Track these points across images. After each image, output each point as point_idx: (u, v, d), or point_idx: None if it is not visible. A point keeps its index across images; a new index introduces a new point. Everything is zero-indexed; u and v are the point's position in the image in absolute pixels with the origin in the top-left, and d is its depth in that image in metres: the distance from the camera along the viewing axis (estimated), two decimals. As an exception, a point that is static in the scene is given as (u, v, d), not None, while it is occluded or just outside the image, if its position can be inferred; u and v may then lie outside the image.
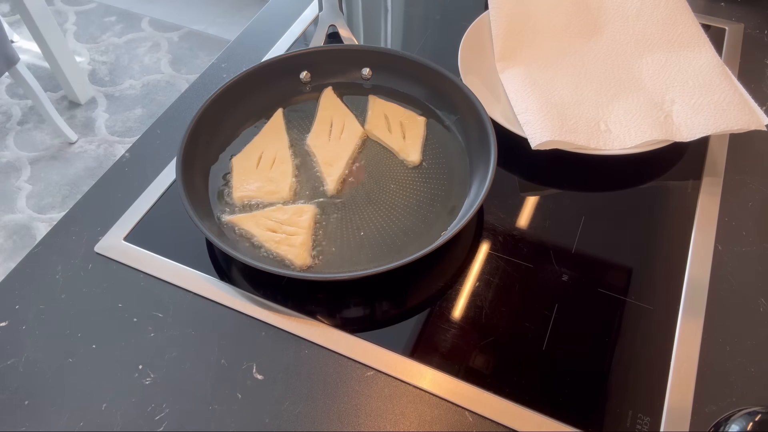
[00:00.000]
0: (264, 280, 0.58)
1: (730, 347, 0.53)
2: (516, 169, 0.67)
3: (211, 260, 0.59)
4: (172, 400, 0.51)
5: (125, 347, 0.54)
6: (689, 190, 0.65)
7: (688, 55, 0.72)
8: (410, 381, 0.51)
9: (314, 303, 0.56)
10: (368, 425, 0.49)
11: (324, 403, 0.50)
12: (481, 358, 0.53)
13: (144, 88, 2.12)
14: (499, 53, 0.75)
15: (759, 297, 0.56)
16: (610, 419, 0.49)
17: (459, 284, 0.58)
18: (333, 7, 0.83)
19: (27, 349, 0.54)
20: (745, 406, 0.42)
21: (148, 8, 2.45)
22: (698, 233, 0.61)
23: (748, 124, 0.63)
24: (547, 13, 0.76)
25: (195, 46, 2.28)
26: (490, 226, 0.62)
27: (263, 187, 0.63)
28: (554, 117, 0.65)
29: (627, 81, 0.72)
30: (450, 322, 0.55)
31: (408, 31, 0.87)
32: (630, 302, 0.56)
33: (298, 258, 0.57)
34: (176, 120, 0.73)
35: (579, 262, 0.59)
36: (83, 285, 0.58)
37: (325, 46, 0.76)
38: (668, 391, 0.50)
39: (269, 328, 0.55)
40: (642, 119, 0.66)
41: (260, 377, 0.52)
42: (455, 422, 0.49)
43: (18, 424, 0.50)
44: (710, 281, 0.57)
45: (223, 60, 0.80)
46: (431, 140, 0.68)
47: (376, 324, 0.56)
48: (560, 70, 0.73)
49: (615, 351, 0.53)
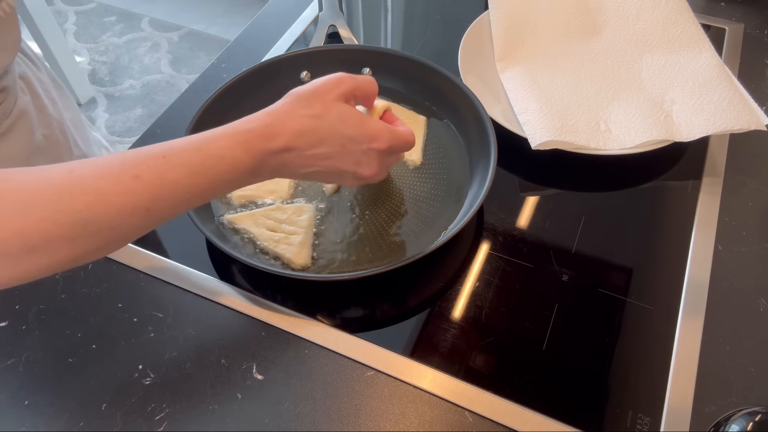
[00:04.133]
0: (264, 280, 0.58)
1: (730, 347, 0.53)
2: (516, 169, 0.67)
3: (211, 260, 0.59)
4: (172, 400, 0.51)
5: (125, 347, 0.54)
6: (689, 190, 0.65)
7: (688, 55, 0.72)
8: (410, 381, 0.51)
9: (314, 303, 0.56)
10: (368, 425, 0.49)
11: (324, 403, 0.50)
12: (481, 358, 0.53)
13: (144, 88, 2.12)
14: (499, 53, 0.75)
15: (759, 297, 0.56)
16: (610, 419, 0.49)
17: (459, 284, 0.58)
18: (333, 7, 0.83)
19: (27, 349, 0.54)
20: (745, 406, 0.42)
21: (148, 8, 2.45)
22: (698, 233, 0.61)
23: (748, 124, 0.63)
24: (547, 13, 0.76)
25: (195, 46, 2.28)
26: (490, 226, 0.62)
27: (262, 186, 0.63)
28: (554, 117, 0.65)
29: (627, 81, 0.72)
30: (450, 322, 0.55)
31: (408, 31, 0.87)
32: (630, 302, 0.56)
33: (297, 257, 0.57)
34: (176, 120, 0.73)
35: (579, 262, 0.59)
36: (83, 285, 0.58)
37: (325, 46, 0.76)
38: (668, 391, 0.50)
39: (269, 328, 0.55)
40: (642, 119, 0.66)
41: (260, 377, 0.52)
42: (455, 422, 0.49)
43: (18, 424, 0.50)
44: (710, 281, 0.57)
45: (223, 60, 0.80)
46: (431, 140, 0.68)
47: (376, 324, 0.56)
48: (560, 70, 0.73)
49: (615, 351, 0.53)
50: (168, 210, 0.44)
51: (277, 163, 0.48)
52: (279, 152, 0.47)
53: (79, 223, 0.40)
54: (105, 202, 0.41)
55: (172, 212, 0.45)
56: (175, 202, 0.44)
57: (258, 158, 0.47)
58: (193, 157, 0.44)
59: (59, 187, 0.41)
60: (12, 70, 0.64)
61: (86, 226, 0.41)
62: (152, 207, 0.43)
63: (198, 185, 0.44)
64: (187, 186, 0.44)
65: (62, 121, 0.72)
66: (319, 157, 0.49)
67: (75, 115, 0.77)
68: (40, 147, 0.68)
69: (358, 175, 0.51)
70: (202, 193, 0.45)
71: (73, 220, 0.40)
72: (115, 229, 0.42)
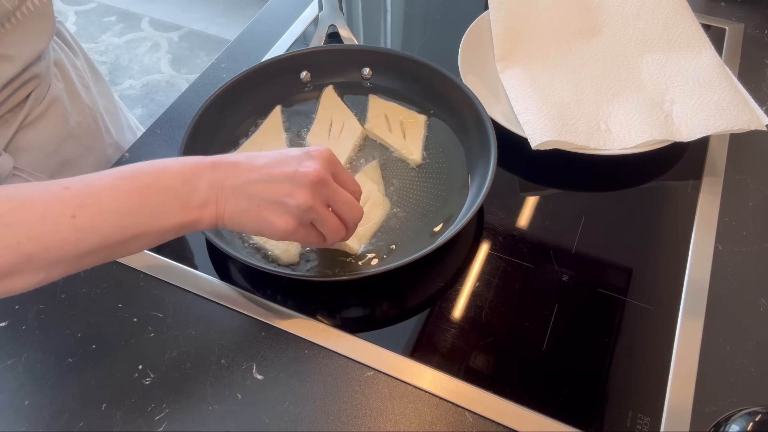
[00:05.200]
0: (264, 280, 0.58)
1: (730, 347, 0.53)
2: (516, 169, 0.67)
3: (211, 260, 0.59)
4: (172, 400, 0.51)
5: (125, 347, 0.54)
6: (689, 190, 0.65)
7: (688, 55, 0.72)
8: (410, 381, 0.51)
9: (314, 303, 0.56)
10: (368, 425, 0.49)
11: (324, 403, 0.50)
12: (481, 358, 0.53)
13: (144, 88, 2.12)
14: (499, 53, 0.75)
15: (759, 297, 0.56)
16: (610, 419, 0.49)
17: (459, 284, 0.58)
18: (333, 7, 0.83)
19: (27, 349, 0.54)
20: (745, 406, 0.42)
21: (148, 8, 2.45)
22: (698, 233, 0.61)
23: (748, 124, 0.63)
24: (547, 13, 0.76)
25: (195, 46, 2.28)
26: (490, 226, 0.62)
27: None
28: (554, 117, 0.65)
29: (627, 81, 0.72)
30: (450, 322, 0.55)
31: (408, 31, 0.87)
32: (630, 302, 0.56)
33: (285, 254, 0.57)
34: (176, 120, 0.73)
35: (579, 262, 0.59)
36: (83, 285, 0.58)
37: (325, 46, 0.76)
38: (668, 391, 0.50)
39: (269, 328, 0.55)
40: (642, 119, 0.66)
41: (260, 377, 0.52)
42: (455, 422, 0.49)
43: (18, 424, 0.50)
44: (710, 281, 0.57)
45: (223, 60, 0.80)
46: (431, 140, 0.68)
47: (376, 324, 0.56)
48: (560, 70, 0.73)
49: (615, 351, 0.53)
50: (94, 220, 0.42)
51: (213, 178, 0.45)
52: (212, 164, 0.45)
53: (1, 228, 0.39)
54: (29, 206, 0.40)
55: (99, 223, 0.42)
56: (101, 210, 0.42)
57: (188, 168, 0.44)
58: (124, 168, 0.44)
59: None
60: (46, 56, 0.64)
61: (6, 232, 0.39)
62: (78, 214, 0.41)
63: (125, 191, 0.43)
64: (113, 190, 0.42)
65: (95, 108, 0.73)
66: (257, 166, 0.46)
67: (109, 101, 0.78)
68: (73, 133, 0.68)
69: (300, 175, 0.45)
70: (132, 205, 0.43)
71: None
72: (36, 240, 0.40)
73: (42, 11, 0.59)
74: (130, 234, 0.43)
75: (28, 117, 0.62)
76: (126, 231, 0.43)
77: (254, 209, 0.45)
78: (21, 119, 0.61)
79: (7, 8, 0.54)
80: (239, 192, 0.45)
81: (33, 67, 0.61)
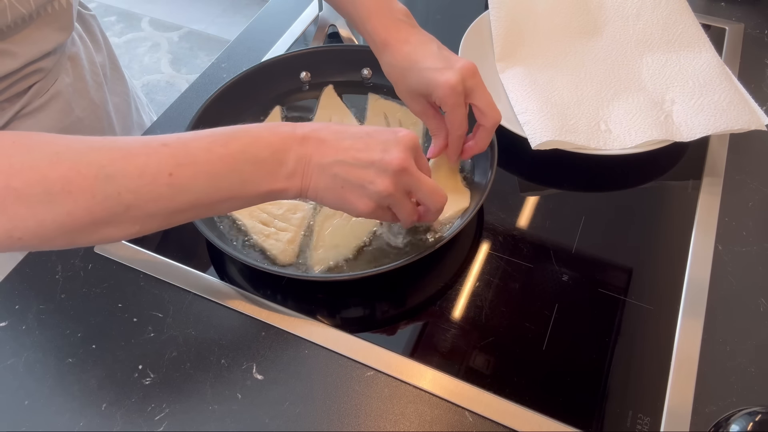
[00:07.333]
0: (264, 280, 0.58)
1: (730, 347, 0.53)
2: (516, 169, 0.67)
3: (211, 260, 0.59)
4: (172, 400, 0.51)
5: (125, 347, 0.54)
6: (689, 190, 0.65)
7: (688, 55, 0.72)
8: (410, 381, 0.51)
9: (314, 303, 0.56)
10: (368, 425, 0.49)
11: (324, 403, 0.50)
12: (481, 358, 0.53)
13: (144, 88, 2.12)
14: (499, 53, 0.75)
15: (759, 297, 0.56)
16: (610, 419, 0.49)
17: (459, 284, 0.58)
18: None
19: (27, 349, 0.54)
20: (745, 406, 0.42)
21: (148, 8, 2.45)
22: (698, 233, 0.61)
23: (748, 124, 0.63)
24: (547, 13, 0.76)
25: (195, 46, 2.29)
26: (490, 226, 0.62)
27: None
28: (554, 117, 0.65)
29: (627, 81, 0.72)
30: (450, 322, 0.55)
31: (408, 31, 0.87)
32: (630, 302, 0.56)
33: (282, 254, 0.57)
34: (176, 120, 0.73)
35: (579, 262, 0.59)
36: (83, 285, 0.58)
37: (325, 46, 0.76)
38: (668, 391, 0.50)
39: (269, 328, 0.55)
40: (642, 119, 0.66)
41: (260, 377, 0.52)
42: (455, 422, 0.49)
43: (18, 424, 0.50)
44: (710, 281, 0.57)
45: (223, 60, 0.80)
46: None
47: (376, 324, 0.56)
48: (560, 70, 0.73)
49: (615, 351, 0.53)
50: (189, 180, 0.44)
51: (301, 153, 0.47)
52: (302, 138, 0.47)
53: (101, 178, 0.41)
54: (129, 159, 0.42)
55: (193, 183, 0.44)
56: (196, 171, 0.44)
57: (279, 139, 0.46)
58: (219, 132, 0.46)
59: (91, 143, 0.42)
60: (59, 51, 0.64)
61: (108, 182, 0.41)
62: (175, 172, 0.43)
63: (219, 156, 0.44)
64: (208, 153, 0.44)
65: (102, 105, 0.72)
66: (344, 147, 0.48)
67: (123, 99, 0.78)
68: (72, 128, 0.68)
69: (384, 163, 0.47)
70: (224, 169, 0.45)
71: (96, 173, 0.41)
72: (135, 193, 0.42)
73: (58, 16, 0.59)
74: (221, 197, 0.46)
75: (27, 107, 0.62)
76: (217, 194, 0.45)
77: (337, 189, 0.48)
78: (17, 109, 0.61)
79: (20, 11, 0.54)
80: (325, 170, 0.47)
81: (38, 62, 0.61)
